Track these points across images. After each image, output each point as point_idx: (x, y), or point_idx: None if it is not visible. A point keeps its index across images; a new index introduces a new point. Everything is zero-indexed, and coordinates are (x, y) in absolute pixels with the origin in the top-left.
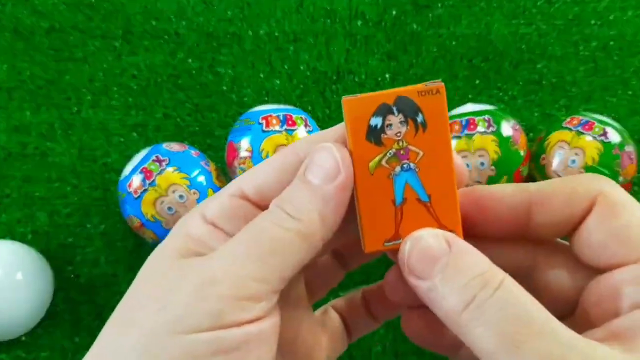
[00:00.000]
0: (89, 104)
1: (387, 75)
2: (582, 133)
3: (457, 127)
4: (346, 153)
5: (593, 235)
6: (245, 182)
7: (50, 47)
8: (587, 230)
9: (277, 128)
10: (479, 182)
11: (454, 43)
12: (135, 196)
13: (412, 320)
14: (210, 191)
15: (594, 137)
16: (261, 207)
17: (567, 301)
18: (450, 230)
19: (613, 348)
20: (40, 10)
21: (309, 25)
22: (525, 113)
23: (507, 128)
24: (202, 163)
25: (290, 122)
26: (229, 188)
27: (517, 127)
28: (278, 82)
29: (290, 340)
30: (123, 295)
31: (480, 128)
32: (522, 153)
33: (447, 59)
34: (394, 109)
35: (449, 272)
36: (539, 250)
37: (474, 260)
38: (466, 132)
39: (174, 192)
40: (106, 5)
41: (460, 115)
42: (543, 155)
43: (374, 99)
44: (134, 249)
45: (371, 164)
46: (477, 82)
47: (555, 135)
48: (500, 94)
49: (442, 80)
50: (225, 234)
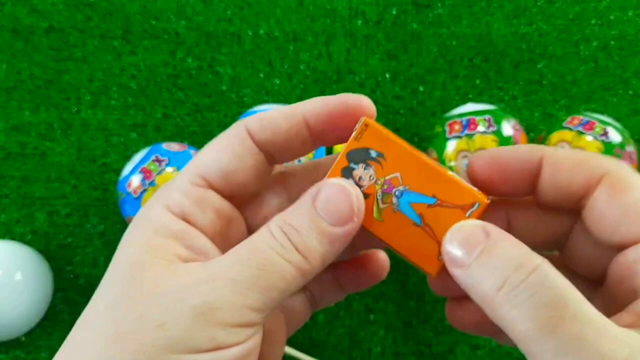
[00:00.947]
0: (89, 104)
1: (387, 75)
2: (583, 133)
3: (457, 127)
4: (362, 198)
5: (602, 211)
6: (206, 168)
7: (50, 46)
8: (596, 205)
9: None
10: None
11: (454, 43)
12: (135, 196)
13: (456, 311)
14: None
15: (595, 137)
16: (225, 194)
17: (595, 276)
18: (474, 203)
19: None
20: (39, 10)
21: (308, 25)
22: (526, 113)
23: (508, 128)
24: None
25: None
26: (187, 174)
27: (518, 127)
28: (278, 81)
29: None
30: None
31: (480, 128)
32: None
33: (448, 58)
34: (352, 165)
35: (484, 258)
36: (575, 220)
37: (508, 245)
38: (467, 132)
39: None
40: (105, 5)
41: (460, 115)
42: None
43: (335, 171)
44: None
45: (375, 215)
46: (478, 81)
47: (556, 135)
48: (501, 93)
49: (442, 79)
50: (200, 229)
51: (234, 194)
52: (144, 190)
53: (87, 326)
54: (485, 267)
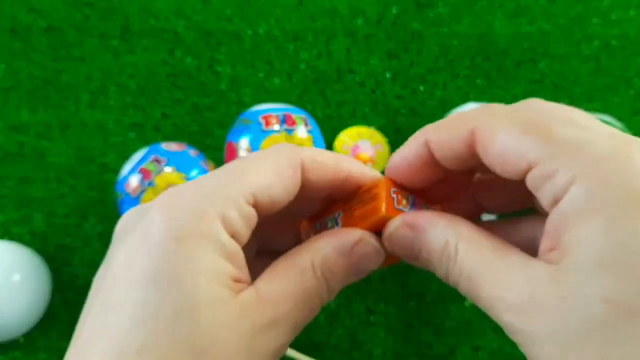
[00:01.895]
0: (87, 104)
1: (387, 75)
2: None
3: None
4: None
5: (488, 164)
6: (259, 191)
7: (48, 46)
8: (480, 160)
9: (276, 127)
10: None
11: (455, 42)
12: (134, 196)
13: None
14: None
15: None
16: (260, 214)
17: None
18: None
19: (545, 262)
20: (38, 9)
21: (309, 24)
22: None
23: None
24: (201, 163)
25: (289, 122)
26: (242, 190)
27: None
28: (278, 81)
29: None
30: None
31: None
32: None
33: (449, 57)
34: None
35: (423, 254)
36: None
37: (432, 235)
38: None
39: None
40: (104, 4)
41: None
42: None
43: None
44: None
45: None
46: (479, 81)
47: None
48: (502, 93)
49: (443, 79)
50: (242, 248)
51: (265, 214)
52: (143, 191)
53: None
54: (430, 263)
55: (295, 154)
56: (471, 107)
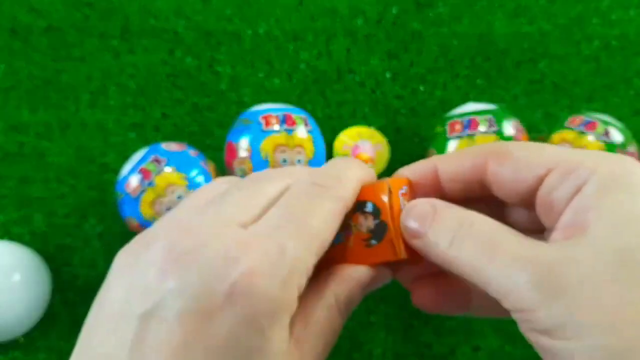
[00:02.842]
0: (87, 104)
1: (387, 75)
2: (585, 133)
3: (458, 127)
4: None
5: (499, 182)
6: (321, 245)
7: (48, 46)
8: (492, 180)
9: (276, 127)
10: None
11: (455, 42)
12: (134, 197)
13: (421, 290)
14: None
15: (597, 137)
16: None
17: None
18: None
19: (565, 240)
20: (38, 9)
21: (309, 24)
22: (527, 112)
23: (509, 128)
24: (201, 163)
25: (289, 122)
26: (314, 250)
27: (519, 126)
28: (278, 81)
29: None
30: None
31: (482, 128)
32: None
33: (449, 58)
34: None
35: (435, 225)
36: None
37: (450, 212)
38: (468, 132)
39: (172, 192)
40: (104, 4)
41: (461, 115)
42: None
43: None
44: None
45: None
46: (479, 81)
47: (557, 135)
48: (502, 93)
49: (443, 79)
50: None
51: None
52: (143, 191)
53: None
54: (437, 232)
55: (344, 202)
56: (471, 107)
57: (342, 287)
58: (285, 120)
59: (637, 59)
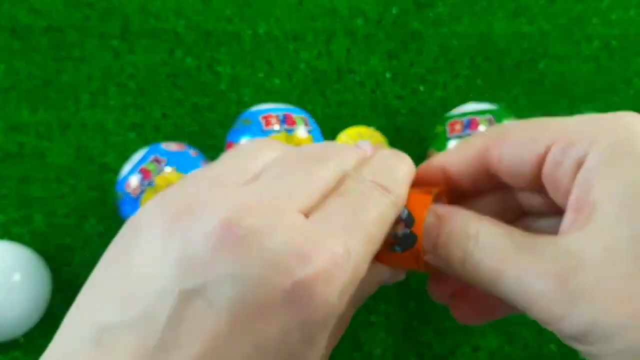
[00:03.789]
0: (87, 104)
1: (387, 75)
2: None
3: (458, 126)
4: None
5: (501, 161)
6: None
7: (48, 46)
8: (496, 163)
9: (276, 127)
10: None
11: (455, 42)
12: (134, 196)
13: (460, 307)
14: None
15: None
16: None
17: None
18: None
19: (574, 230)
20: (37, 9)
21: (308, 24)
22: (527, 112)
23: None
24: (202, 163)
25: (289, 122)
26: (366, 264)
27: None
28: (277, 81)
29: None
30: None
31: (482, 127)
32: None
33: (449, 58)
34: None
35: (441, 241)
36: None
37: (455, 223)
38: (468, 131)
39: None
40: (104, 4)
41: (461, 115)
42: None
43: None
44: None
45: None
46: (479, 81)
47: None
48: (502, 93)
49: (443, 79)
50: None
51: None
52: (143, 191)
53: None
54: (446, 249)
55: (399, 208)
56: (471, 107)
57: (364, 287)
58: (285, 120)
59: (637, 59)
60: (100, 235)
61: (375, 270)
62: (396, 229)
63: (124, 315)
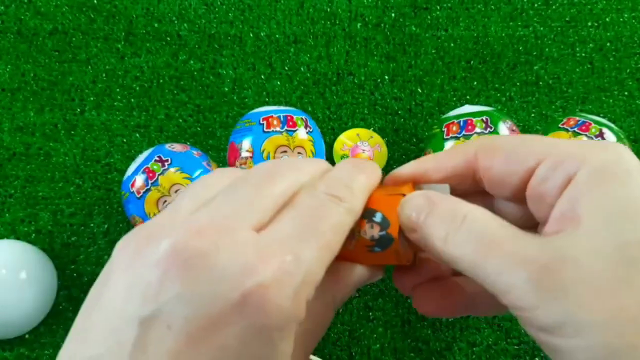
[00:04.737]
0: (92, 105)
1: (386, 77)
2: (579, 134)
3: (455, 128)
4: None
5: (490, 176)
6: (332, 257)
7: (54, 48)
8: (484, 175)
9: (277, 129)
10: None
11: (452, 45)
12: (138, 196)
13: (423, 296)
14: None
15: (591, 138)
16: None
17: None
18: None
19: (560, 234)
20: (43, 12)
21: (309, 27)
22: (523, 114)
23: (504, 129)
24: (204, 163)
25: (290, 123)
26: (325, 263)
27: (514, 127)
28: (278, 83)
29: None
30: None
31: (477, 129)
32: None
33: (446, 60)
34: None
35: (429, 218)
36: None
37: (444, 204)
38: (464, 133)
39: (176, 192)
40: (109, 7)
41: (458, 117)
42: None
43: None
44: None
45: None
46: (475, 83)
47: (552, 136)
48: (498, 95)
49: (440, 81)
50: None
51: None
52: (147, 190)
53: None
54: (431, 226)
55: (356, 214)
56: (467, 109)
57: (340, 288)
58: (286, 121)
59: (631, 61)
60: (105, 234)
61: (351, 273)
62: (373, 232)
63: (101, 347)
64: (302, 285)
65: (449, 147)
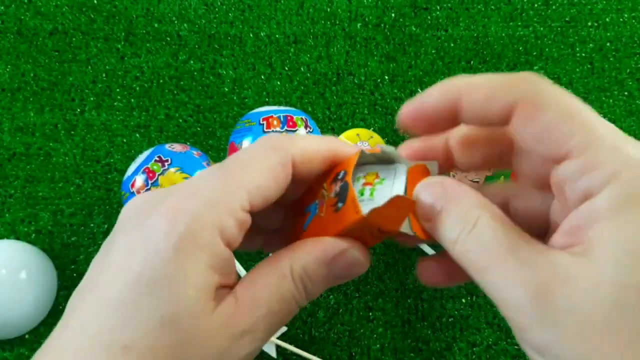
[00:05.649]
0: (92, 105)
1: (386, 77)
2: None
3: None
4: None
5: (522, 137)
6: (254, 194)
7: (54, 48)
8: (516, 132)
9: (277, 129)
10: (477, 181)
11: (452, 45)
12: None
13: (428, 268)
14: None
15: None
16: (253, 213)
17: (541, 220)
18: None
19: (567, 252)
20: (44, 12)
21: (309, 27)
22: None
23: None
24: (204, 163)
25: (290, 123)
26: (238, 197)
27: None
28: (278, 83)
29: None
30: None
31: None
32: None
33: (445, 60)
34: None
35: (442, 216)
36: (509, 188)
37: (460, 204)
38: None
39: None
40: (109, 8)
41: None
42: None
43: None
44: None
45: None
46: None
47: None
48: None
49: (440, 81)
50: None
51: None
52: (147, 190)
53: None
54: (444, 226)
55: (285, 152)
56: None
57: (299, 257)
58: (286, 121)
59: (630, 61)
60: (105, 234)
61: (313, 243)
62: (336, 188)
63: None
64: (200, 209)
65: None
